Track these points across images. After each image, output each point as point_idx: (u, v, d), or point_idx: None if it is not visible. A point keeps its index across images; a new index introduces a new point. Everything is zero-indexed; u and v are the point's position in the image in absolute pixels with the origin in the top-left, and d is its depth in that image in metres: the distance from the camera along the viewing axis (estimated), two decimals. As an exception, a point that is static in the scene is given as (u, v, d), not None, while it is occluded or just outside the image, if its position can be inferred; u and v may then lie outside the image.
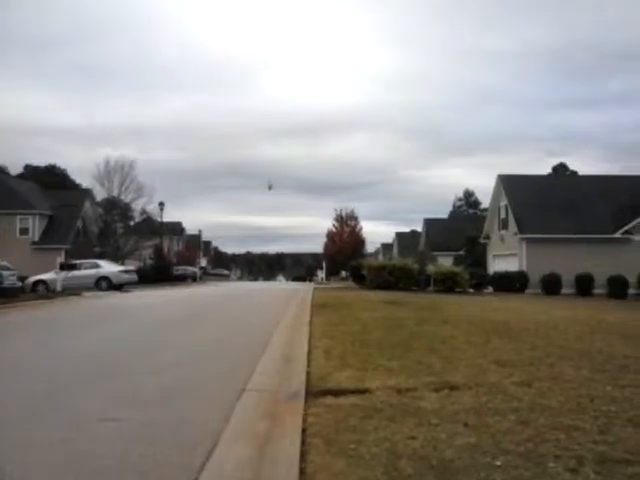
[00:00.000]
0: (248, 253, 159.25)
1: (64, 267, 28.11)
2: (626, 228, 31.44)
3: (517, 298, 24.33)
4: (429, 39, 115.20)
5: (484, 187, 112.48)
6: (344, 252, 66.26)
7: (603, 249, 30.89)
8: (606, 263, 29.16)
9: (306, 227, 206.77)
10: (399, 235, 76.59)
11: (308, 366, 6.61)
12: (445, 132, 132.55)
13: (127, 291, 26.98)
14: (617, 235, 31.48)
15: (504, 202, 35.86)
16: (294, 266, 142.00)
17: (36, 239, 41.64)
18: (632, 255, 30.00)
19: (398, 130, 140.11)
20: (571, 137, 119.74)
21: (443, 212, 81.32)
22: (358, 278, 32.20)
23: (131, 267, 34.12)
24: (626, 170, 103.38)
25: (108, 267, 29.93)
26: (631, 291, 27.74)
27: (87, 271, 28.72)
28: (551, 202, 33.59)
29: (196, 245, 78.85)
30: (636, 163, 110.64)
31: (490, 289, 31.09)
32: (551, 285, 29.21)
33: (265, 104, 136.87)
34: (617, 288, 27.79)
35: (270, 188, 26.84)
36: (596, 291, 28.48)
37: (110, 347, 8.84)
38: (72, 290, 23.75)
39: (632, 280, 27.74)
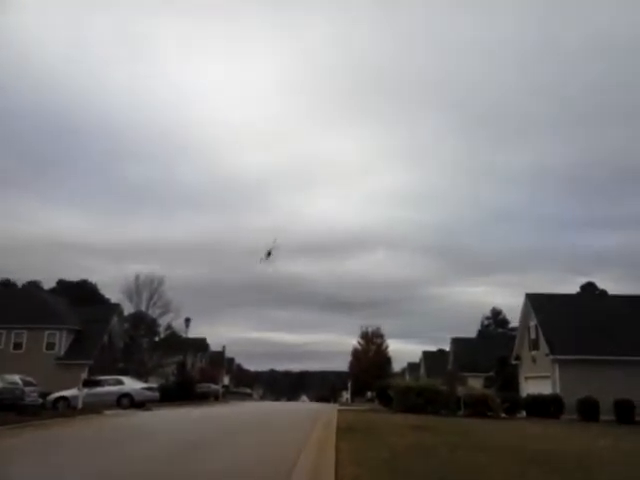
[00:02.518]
0: (271, 371, 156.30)
1: (87, 383, 27.87)
2: (664, 350, 30.28)
3: (553, 424, 23.06)
4: (444, 157, 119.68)
5: (511, 305, 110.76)
6: (370, 371, 64.75)
7: (640, 372, 29.56)
8: (646, 387, 27.77)
9: (330, 344, 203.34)
10: (426, 354, 74.69)
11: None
12: (465, 250, 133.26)
13: (148, 409, 26.38)
14: (658, 358, 30.25)
15: (534, 322, 35.14)
16: (318, 384, 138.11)
17: (62, 354, 41.81)
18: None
19: (417, 248, 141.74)
20: (594, 257, 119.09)
21: (471, 331, 79.74)
22: (384, 399, 31.14)
23: (153, 385, 33.64)
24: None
25: (130, 384, 29.54)
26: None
27: (109, 388, 28.36)
28: (582, 322, 32.81)
29: (219, 362, 77.89)
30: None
31: (523, 414, 29.61)
32: (589, 410, 27.66)
33: (284, 221, 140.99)
34: (660, 415, 26.21)
35: (269, 255, 26.31)
36: (638, 418, 26.85)
37: (126, 470, 8.53)
38: (93, 407, 23.33)
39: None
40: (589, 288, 69.45)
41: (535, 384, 33.55)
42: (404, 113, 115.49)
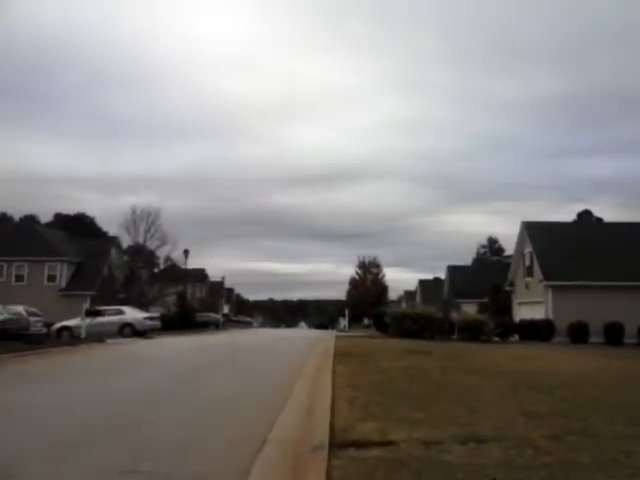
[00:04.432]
0: (270, 300, 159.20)
1: (89, 313, 28.40)
2: (656, 276, 30.75)
3: (544, 347, 23.75)
4: (440, 87, 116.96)
5: (507, 234, 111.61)
6: (367, 299, 65.89)
7: (631, 297, 30.16)
8: (635, 311, 28.46)
9: (326, 274, 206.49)
10: (422, 282, 75.94)
11: (331, 417, 6.49)
12: (461, 180, 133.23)
13: (150, 338, 27.04)
14: (647, 282, 30.77)
15: (529, 249, 35.50)
16: (316, 313, 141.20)
17: (63, 286, 42.36)
18: (663, 303, 29.24)
19: (414, 178, 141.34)
20: (589, 184, 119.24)
21: (466, 259, 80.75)
22: (381, 326, 31.86)
23: (155, 314, 34.29)
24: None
25: (132, 314, 30.13)
26: (664, 340, 26.94)
27: (111, 317, 28.95)
28: (577, 249, 33.14)
29: (219, 292, 79.11)
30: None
31: (516, 337, 30.46)
32: (578, 333, 28.50)
33: (277, 153, 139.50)
34: (649, 337, 27.03)
35: None
36: (626, 340, 27.69)
37: (129, 398, 8.82)
38: (96, 336, 23.90)
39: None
40: (585, 216, 69.74)
41: (528, 309, 34.31)
42: (398, 41, 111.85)
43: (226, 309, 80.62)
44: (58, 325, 28.02)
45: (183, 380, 10.72)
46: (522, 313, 35.38)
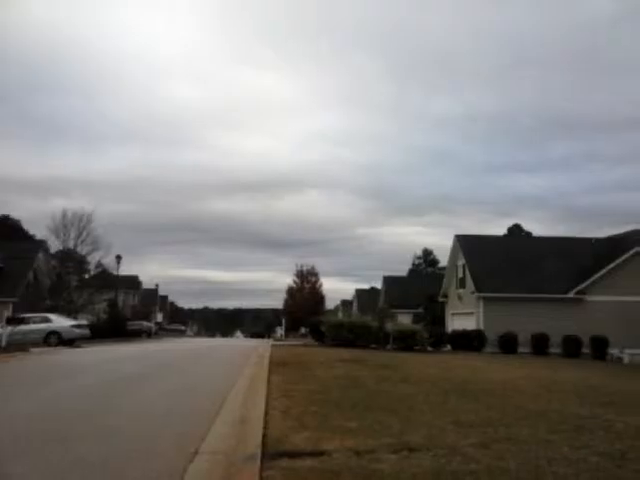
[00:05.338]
0: (205, 308, 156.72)
1: (11, 321, 26.97)
2: (579, 288, 32.31)
3: (475, 357, 24.47)
4: (378, 101, 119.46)
5: (442, 245, 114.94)
6: (304, 308, 65.98)
7: (558, 309, 31.62)
8: (561, 323, 29.87)
9: (264, 282, 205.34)
10: (359, 292, 76.71)
11: (265, 427, 6.42)
12: (399, 192, 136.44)
13: (78, 346, 25.94)
14: (571, 295, 32.29)
15: (462, 261, 36.58)
16: (253, 322, 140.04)
17: (-17, 291, 39.96)
18: (585, 315, 30.81)
19: (353, 189, 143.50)
20: (520, 200, 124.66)
21: (402, 270, 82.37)
22: (317, 335, 31.89)
23: (83, 322, 32.93)
24: (574, 232, 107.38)
25: (59, 321, 28.81)
26: (585, 350, 28.33)
27: (36, 325, 27.56)
28: (507, 262, 34.44)
29: (152, 299, 77.12)
30: (583, 225, 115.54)
31: (448, 347, 31.22)
32: (508, 344, 29.59)
33: (216, 159, 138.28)
34: (571, 347, 28.44)
35: None
36: (552, 350, 28.98)
37: (52, 410, 8.40)
38: (19, 345, 22.69)
39: (586, 340, 28.40)
40: (515, 230, 72.67)
41: (460, 320, 35.29)
42: (340, 55, 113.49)
43: (160, 317, 78.56)
44: (-24, 333, 26.41)
45: (109, 391, 10.31)
46: (455, 324, 36.34)
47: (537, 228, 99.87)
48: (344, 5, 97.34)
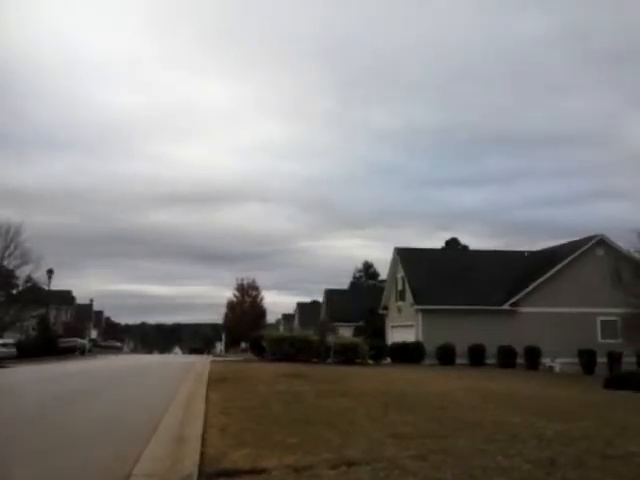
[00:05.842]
0: (143, 324, 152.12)
1: None
2: (513, 300, 33.44)
3: (414, 369, 24.83)
4: (321, 113, 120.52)
5: (382, 258, 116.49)
6: (245, 323, 65.25)
7: (493, 320, 32.52)
8: (496, 334, 30.72)
9: (204, 297, 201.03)
10: (300, 305, 76.55)
11: (202, 446, 6.26)
12: (340, 205, 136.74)
13: (3, 367, 24.60)
14: (505, 307, 33.33)
15: (401, 274, 37.18)
16: (192, 337, 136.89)
17: None
18: (520, 326, 31.85)
19: (295, 201, 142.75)
20: (458, 214, 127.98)
21: (343, 283, 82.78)
22: (258, 350, 31.58)
23: (10, 340, 31.36)
24: (510, 245, 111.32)
25: (-18, 340, 27.31)
26: (519, 361, 29.30)
27: (-43, 345, 26.03)
28: (445, 275, 35.25)
29: (86, 315, 74.34)
30: (518, 238, 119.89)
31: (388, 360, 31.57)
32: (446, 355, 30.21)
33: (155, 170, 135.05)
34: (507, 358, 29.33)
35: None
36: (488, 361, 29.79)
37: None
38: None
39: (520, 350, 29.37)
40: (453, 243, 74.61)
41: (400, 332, 35.74)
42: (280, 66, 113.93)
43: (94, 334, 75.85)
44: None
45: (46, 411, 9.81)
46: (395, 336, 36.76)
47: (473, 241, 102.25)
48: (287, 16, 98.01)
